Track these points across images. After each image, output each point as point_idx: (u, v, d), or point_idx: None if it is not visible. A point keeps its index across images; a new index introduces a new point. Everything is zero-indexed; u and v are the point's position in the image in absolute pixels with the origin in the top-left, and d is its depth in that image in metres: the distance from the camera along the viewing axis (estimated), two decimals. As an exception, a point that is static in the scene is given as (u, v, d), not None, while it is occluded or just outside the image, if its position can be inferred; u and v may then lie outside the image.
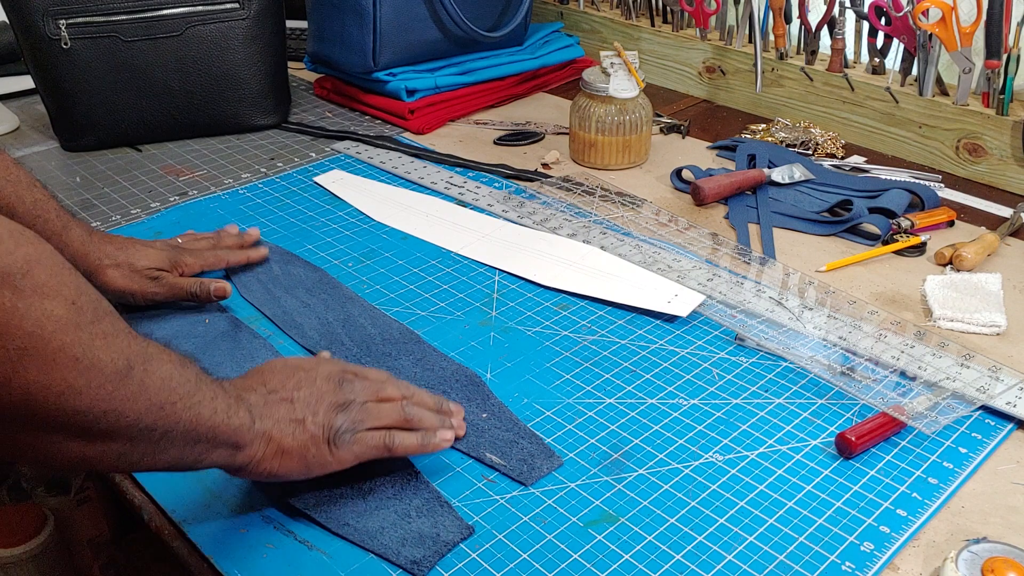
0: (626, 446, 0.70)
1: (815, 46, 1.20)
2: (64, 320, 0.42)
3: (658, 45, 1.37)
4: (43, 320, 0.41)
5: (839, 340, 0.80)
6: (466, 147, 1.19)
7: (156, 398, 0.48)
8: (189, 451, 0.52)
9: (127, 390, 0.46)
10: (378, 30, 1.20)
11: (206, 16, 1.15)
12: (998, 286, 0.86)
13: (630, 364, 0.78)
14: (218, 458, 0.55)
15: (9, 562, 1.13)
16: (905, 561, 0.60)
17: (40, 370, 0.41)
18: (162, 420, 0.49)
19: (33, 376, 0.41)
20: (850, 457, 0.68)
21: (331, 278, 0.90)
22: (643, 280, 0.88)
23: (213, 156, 1.17)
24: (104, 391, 0.44)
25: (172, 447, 0.51)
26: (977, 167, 1.08)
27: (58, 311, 0.42)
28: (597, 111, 1.10)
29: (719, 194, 1.04)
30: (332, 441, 0.60)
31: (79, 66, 1.12)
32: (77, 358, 0.42)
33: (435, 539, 0.61)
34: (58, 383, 0.42)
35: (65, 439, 0.44)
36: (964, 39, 1.04)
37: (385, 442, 0.63)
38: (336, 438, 0.60)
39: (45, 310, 0.41)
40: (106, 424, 0.45)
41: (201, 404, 0.52)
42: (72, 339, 0.42)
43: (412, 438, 0.64)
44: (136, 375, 0.47)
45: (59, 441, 0.44)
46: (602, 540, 0.62)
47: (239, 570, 0.59)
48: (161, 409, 0.49)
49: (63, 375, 0.42)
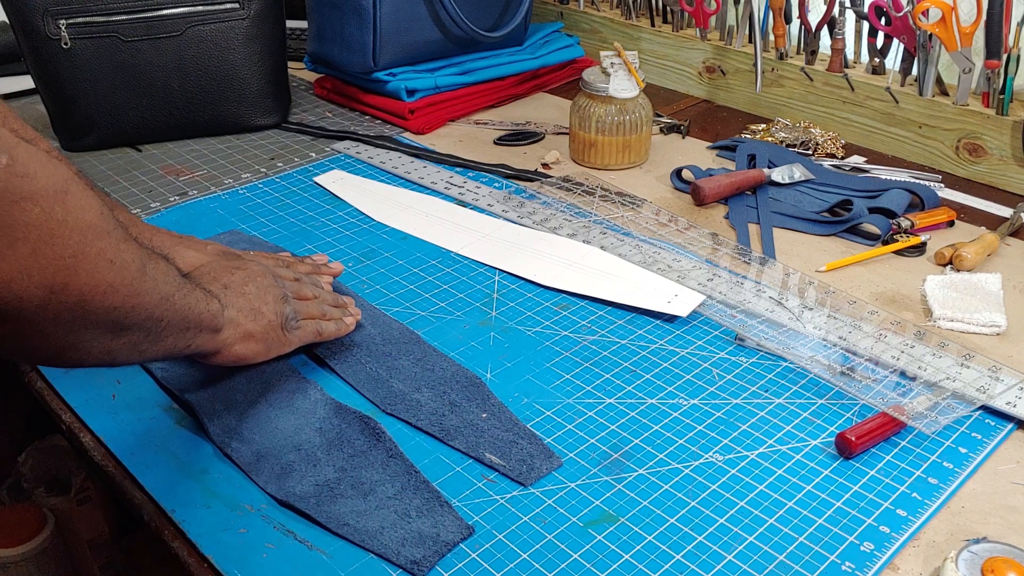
0: (626, 446, 0.70)
1: (815, 46, 1.20)
2: (98, 229, 0.48)
3: (658, 45, 1.37)
4: (85, 229, 0.47)
5: (839, 340, 0.80)
6: (466, 147, 1.19)
7: (163, 290, 0.55)
8: (181, 337, 0.60)
9: (145, 285, 0.53)
10: (378, 30, 1.20)
11: (206, 16, 1.15)
12: (998, 286, 0.86)
13: (630, 364, 0.78)
14: (202, 342, 0.64)
15: (9, 562, 1.13)
16: (905, 561, 0.60)
17: (88, 272, 0.47)
18: (167, 311, 0.56)
19: (84, 278, 0.47)
20: (850, 457, 0.68)
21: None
22: (643, 280, 0.88)
23: (213, 156, 1.17)
24: (132, 288, 0.51)
25: (170, 335, 0.58)
26: (977, 167, 1.08)
27: (93, 221, 0.48)
28: (597, 111, 1.10)
29: (719, 194, 1.04)
30: (284, 327, 0.71)
31: (79, 66, 1.12)
32: (111, 260, 0.49)
33: (435, 539, 0.61)
34: (101, 283, 0.48)
35: (100, 334, 0.51)
36: (964, 39, 1.04)
37: (318, 329, 0.75)
38: (286, 324, 0.72)
39: (85, 221, 0.47)
40: (132, 317, 0.52)
41: (188, 295, 0.60)
42: (105, 244, 0.49)
43: (331, 326, 0.77)
44: (149, 272, 0.53)
45: (96, 337, 0.51)
46: (602, 540, 0.62)
47: (239, 570, 0.59)
48: (167, 300, 0.56)
49: (103, 276, 0.49)
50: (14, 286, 0.44)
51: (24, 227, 0.44)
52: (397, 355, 0.78)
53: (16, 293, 0.44)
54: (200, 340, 0.63)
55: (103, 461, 0.69)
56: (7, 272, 0.44)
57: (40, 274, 0.45)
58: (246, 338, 0.68)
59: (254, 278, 0.71)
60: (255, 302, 0.69)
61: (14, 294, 0.44)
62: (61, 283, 0.46)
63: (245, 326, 0.68)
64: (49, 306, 0.46)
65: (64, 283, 0.46)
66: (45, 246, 0.45)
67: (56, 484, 1.23)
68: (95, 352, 0.52)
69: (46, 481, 1.23)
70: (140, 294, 0.52)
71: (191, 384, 0.74)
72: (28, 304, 0.45)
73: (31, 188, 0.44)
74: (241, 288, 0.69)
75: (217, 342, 0.66)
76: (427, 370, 0.77)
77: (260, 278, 0.71)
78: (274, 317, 0.70)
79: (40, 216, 0.45)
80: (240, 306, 0.68)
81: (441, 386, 0.75)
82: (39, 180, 0.45)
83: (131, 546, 1.31)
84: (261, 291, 0.70)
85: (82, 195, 0.48)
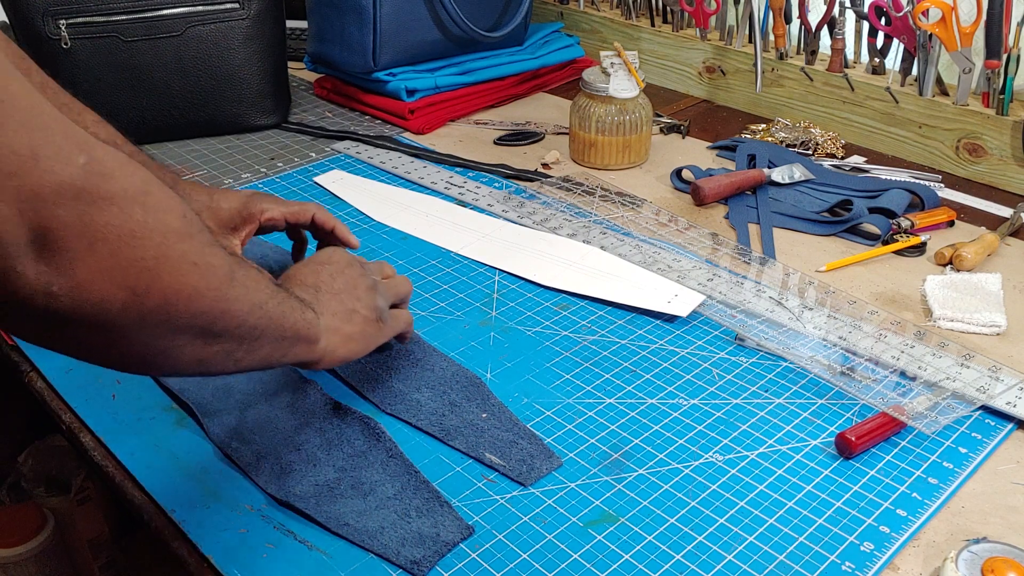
0: (626, 446, 0.70)
1: (815, 46, 1.20)
2: (181, 231, 0.47)
3: (658, 45, 1.37)
4: (167, 232, 0.46)
5: (839, 340, 0.80)
6: (466, 147, 1.19)
7: (255, 298, 0.54)
8: (277, 347, 0.58)
9: (235, 291, 0.52)
10: (378, 30, 1.20)
11: (206, 16, 1.15)
12: (998, 286, 0.86)
13: (630, 364, 0.78)
14: (300, 352, 0.61)
15: (9, 562, 1.13)
16: (905, 561, 0.60)
17: (171, 275, 0.47)
18: (261, 319, 0.55)
19: (167, 281, 0.46)
20: (850, 457, 0.68)
21: (331, 278, 0.90)
22: (643, 280, 0.88)
23: (213, 156, 1.17)
24: (219, 292, 0.50)
25: (266, 344, 0.56)
26: (977, 167, 1.08)
27: (175, 223, 0.47)
28: (597, 111, 1.10)
29: (719, 194, 1.04)
30: (380, 319, 0.70)
31: (79, 66, 1.12)
32: (196, 263, 0.48)
33: (435, 539, 0.61)
34: (186, 287, 0.47)
35: (190, 341, 0.50)
36: (964, 39, 1.04)
37: (409, 319, 0.75)
38: (381, 316, 0.70)
39: (166, 223, 0.46)
40: (222, 324, 0.51)
41: (282, 303, 0.58)
42: (188, 247, 0.48)
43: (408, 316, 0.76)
44: (239, 277, 0.52)
45: (186, 344, 0.50)
46: (602, 540, 0.62)
47: (239, 570, 0.59)
48: (260, 308, 0.55)
49: (188, 279, 0.48)
50: (95, 288, 0.44)
51: (103, 228, 0.43)
52: (397, 355, 0.78)
53: (98, 295, 0.44)
54: (297, 350, 0.61)
55: (103, 461, 0.69)
56: (87, 273, 0.43)
57: (122, 276, 0.45)
58: (346, 341, 0.66)
59: (342, 271, 0.69)
60: (348, 301, 0.67)
61: (96, 296, 0.44)
62: (143, 286, 0.46)
63: (343, 329, 0.66)
64: (132, 310, 0.46)
65: (147, 286, 0.46)
66: (126, 247, 0.44)
67: (56, 484, 1.23)
68: (186, 359, 0.51)
69: (46, 481, 1.23)
70: (228, 300, 0.51)
71: (191, 384, 0.74)
72: (111, 307, 0.45)
73: (110, 188, 0.44)
74: (331, 286, 0.67)
75: (317, 352, 0.63)
76: (427, 370, 0.77)
77: (348, 269, 0.70)
78: (368, 312, 0.68)
79: (119, 216, 0.44)
80: (335, 310, 0.66)
81: (441, 386, 0.75)
82: (118, 180, 0.44)
83: (131, 546, 1.31)
84: (351, 285, 0.69)
85: (164, 197, 0.47)
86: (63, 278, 0.43)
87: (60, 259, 0.42)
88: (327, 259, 0.70)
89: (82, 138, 0.44)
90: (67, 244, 0.42)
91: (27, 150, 0.40)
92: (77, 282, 0.43)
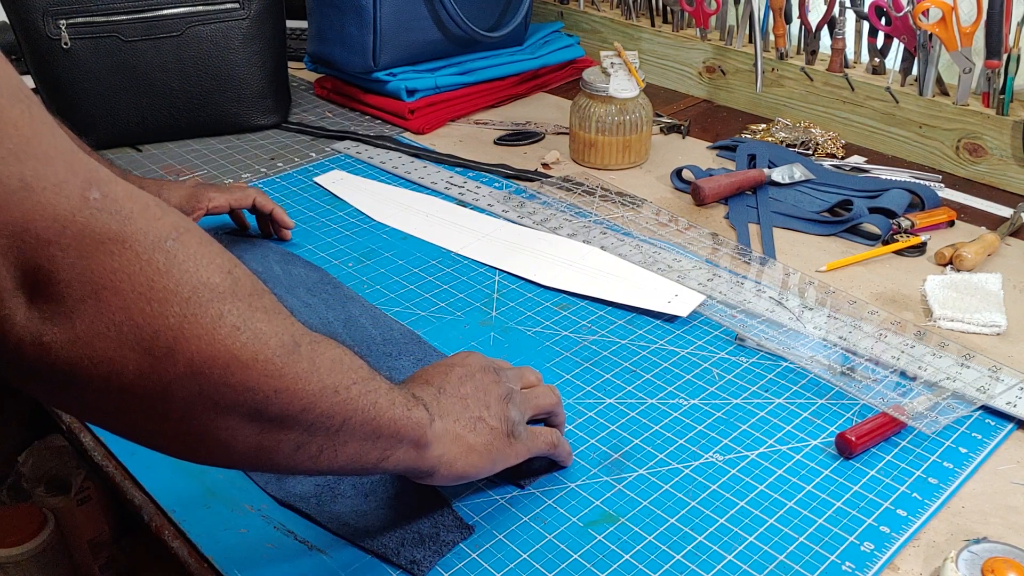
0: (626, 446, 0.70)
1: (815, 46, 1.20)
2: (221, 289, 0.41)
3: (658, 45, 1.37)
4: (199, 287, 0.40)
5: (839, 340, 0.80)
6: (466, 147, 1.19)
7: (329, 379, 0.46)
8: (370, 447, 0.50)
9: (297, 367, 0.44)
10: (378, 30, 1.20)
11: (206, 16, 1.15)
12: (998, 286, 0.86)
13: (630, 364, 0.78)
14: (404, 456, 0.53)
15: (9, 562, 1.13)
16: (905, 561, 0.60)
17: (200, 339, 0.40)
18: (339, 406, 0.47)
19: (195, 346, 0.40)
20: (850, 457, 0.68)
21: (332, 278, 0.90)
22: (643, 280, 0.88)
23: (213, 156, 1.17)
24: (272, 366, 0.43)
25: (352, 440, 0.49)
26: (977, 167, 1.08)
27: (214, 279, 0.41)
28: (597, 111, 1.10)
29: (719, 194, 1.04)
30: (511, 434, 0.60)
31: (79, 66, 1.12)
32: (237, 327, 0.41)
33: (435, 539, 0.61)
34: (222, 354, 0.41)
35: (239, 422, 0.43)
36: (964, 39, 1.04)
37: (553, 440, 0.64)
38: (514, 430, 0.60)
39: (200, 277, 0.40)
40: (279, 406, 0.44)
41: (378, 392, 0.50)
42: (230, 308, 0.41)
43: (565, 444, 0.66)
44: (304, 352, 0.45)
45: (233, 425, 0.43)
46: (602, 540, 0.62)
47: (239, 570, 0.59)
48: (336, 393, 0.47)
49: (225, 345, 0.41)
50: (99, 344, 0.38)
51: (112, 274, 0.38)
52: (397, 355, 0.78)
53: (103, 353, 0.38)
54: (401, 454, 0.53)
55: (103, 461, 0.69)
56: (88, 326, 0.38)
57: (134, 333, 0.38)
58: (467, 453, 0.57)
59: (473, 374, 0.61)
60: (476, 408, 0.59)
61: (100, 354, 0.38)
62: (163, 348, 0.39)
63: (465, 439, 0.57)
64: (153, 376, 0.39)
65: (167, 348, 0.39)
66: (140, 299, 0.38)
67: (56, 484, 1.23)
68: (240, 447, 0.44)
69: (46, 481, 1.23)
70: (285, 376, 0.43)
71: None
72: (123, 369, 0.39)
73: (123, 230, 0.38)
74: (458, 389, 0.59)
75: (428, 459, 0.55)
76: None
77: (481, 374, 0.61)
78: (497, 423, 0.59)
79: (134, 263, 0.38)
80: (457, 414, 0.57)
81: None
82: (136, 222, 0.39)
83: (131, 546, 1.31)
84: (481, 390, 0.60)
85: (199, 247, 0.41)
86: (57, 328, 0.37)
87: (56, 307, 0.37)
88: (459, 360, 0.62)
89: (93, 171, 0.38)
90: (65, 290, 0.37)
91: (16, 180, 0.35)
92: (76, 335, 0.38)
